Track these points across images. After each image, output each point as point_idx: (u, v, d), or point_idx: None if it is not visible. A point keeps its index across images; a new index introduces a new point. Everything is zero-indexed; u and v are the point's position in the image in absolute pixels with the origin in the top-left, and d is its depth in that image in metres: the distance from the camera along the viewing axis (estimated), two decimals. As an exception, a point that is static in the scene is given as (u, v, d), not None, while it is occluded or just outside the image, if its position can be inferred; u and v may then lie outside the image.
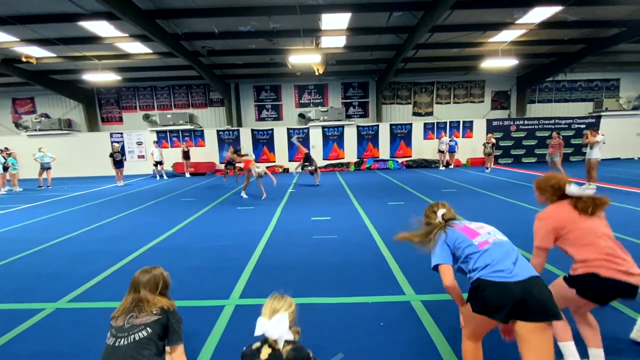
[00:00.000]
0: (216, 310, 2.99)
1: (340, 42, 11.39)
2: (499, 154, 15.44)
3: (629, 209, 6.06)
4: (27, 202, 9.13)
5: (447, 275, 1.91)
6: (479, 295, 1.74)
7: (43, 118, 15.73)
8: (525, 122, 15.69)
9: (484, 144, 13.26)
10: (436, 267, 1.95)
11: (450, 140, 14.60)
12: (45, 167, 12.17)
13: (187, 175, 14.79)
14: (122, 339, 1.69)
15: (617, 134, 15.01)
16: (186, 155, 14.60)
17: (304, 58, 11.31)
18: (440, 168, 14.57)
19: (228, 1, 8.55)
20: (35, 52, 11.32)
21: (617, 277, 1.81)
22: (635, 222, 5.27)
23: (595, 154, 8.16)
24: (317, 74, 13.21)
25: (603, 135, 8.37)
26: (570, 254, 1.99)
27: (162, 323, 1.78)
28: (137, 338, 1.70)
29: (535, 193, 2.28)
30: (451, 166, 14.83)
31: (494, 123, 15.66)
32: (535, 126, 15.64)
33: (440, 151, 14.63)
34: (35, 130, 15.45)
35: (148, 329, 1.73)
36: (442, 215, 2.05)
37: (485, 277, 1.72)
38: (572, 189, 2.03)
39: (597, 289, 1.87)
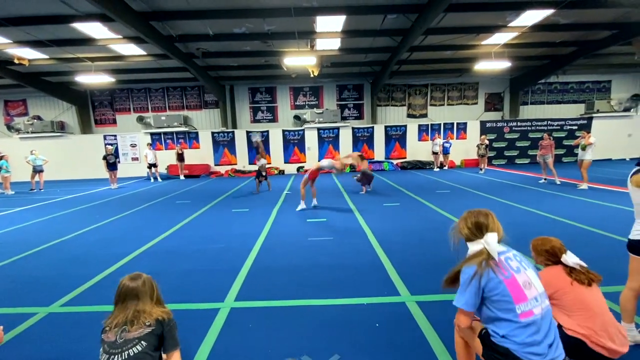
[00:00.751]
0: (211, 313, 2.97)
1: (335, 44, 11.43)
2: (492, 155, 15.58)
3: (623, 210, 6.14)
4: (20, 205, 9.02)
5: (466, 320, 1.73)
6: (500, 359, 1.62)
7: (35, 120, 15.55)
8: (519, 123, 15.85)
9: (477, 146, 13.35)
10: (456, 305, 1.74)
11: (444, 142, 14.72)
12: (37, 170, 12.02)
13: (182, 177, 14.71)
14: (116, 355, 1.64)
15: (608, 135, 15.23)
16: (180, 157, 14.52)
17: (299, 60, 11.33)
18: (435, 169, 14.66)
19: (222, 3, 8.54)
20: (27, 54, 11.19)
21: (604, 352, 1.82)
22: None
23: (588, 155, 8.31)
24: (312, 76, 13.23)
25: (594, 138, 8.50)
26: (558, 320, 1.94)
27: (157, 334, 1.73)
28: (131, 353, 1.64)
29: (532, 254, 2.23)
30: (445, 167, 14.94)
31: (488, 124, 15.81)
32: (528, 127, 15.81)
33: (434, 153, 14.72)
34: (28, 132, 15.28)
35: (142, 342, 1.68)
36: (491, 241, 1.68)
37: (516, 352, 1.56)
38: (567, 258, 2.02)
39: (584, 355, 1.87)
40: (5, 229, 6.40)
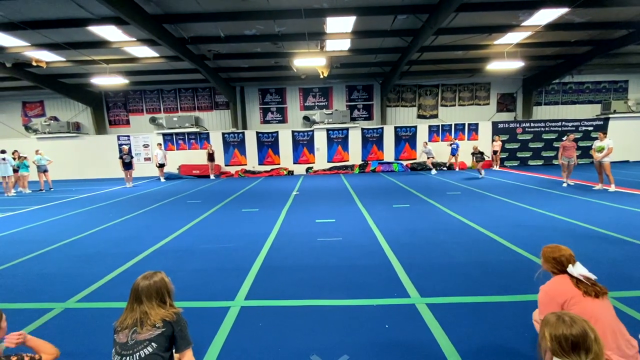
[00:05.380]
0: (221, 312, 3.01)
1: (345, 45, 11.44)
2: (504, 156, 15.36)
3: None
4: (36, 203, 9.27)
5: None
6: None
7: (52, 121, 15.98)
8: (532, 124, 15.57)
9: (472, 154, 12.61)
10: None
11: (451, 143, 14.57)
12: (42, 170, 12.12)
13: (212, 177, 14.93)
14: (127, 357, 1.66)
15: (625, 137, 14.83)
16: (211, 157, 14.80)
17: (308, 61, 11.36)
18: (433, 173, 13.62)
19: (234, 6, 8.64)
20: (45, 57, 11.51)
21: None
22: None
23: (607, 158, 8.12)
24: (321, 77, 13.26)
25: (610, 140, 8.27)
26: None
27: (167, 335, 1.74)
28: (142, 355, 1.66)
29: (541, 260, 2.21)
30: (456, 169, 14.78)
31: (500, 125, 15.57)
32: (542, 128, 15.52)
33: (428, 155, 14.01)
34: (45, 133, 15.70)
35: (153, 344, 1.69)
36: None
37: None
38: (571, 269, 1.98)
39: None
40: (22, 226, 6.59)
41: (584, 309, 1.85)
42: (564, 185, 9.36)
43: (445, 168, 14.80)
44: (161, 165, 14.17)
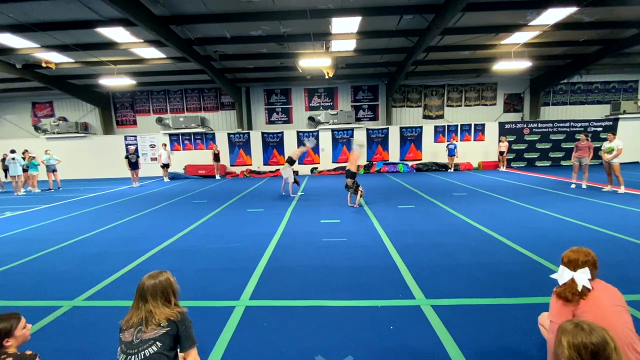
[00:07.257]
0: (226, 311, 3.02)
1: (350, 45, 11.42)
2: (511, 157, 15.22)
3: (648, 214, 5.88)
4: (45, 202, 9.40)
5: None
6: None
7: (61, 121, 16.19)
8: (539, 125, 15.39)
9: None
10: None
11: (448, 144, 14.61)
12: (50, 170, 12.26)
13: (218, 177, 15.03)
14: (133, 356, 1.67)
15: (635, 137, 14.59)
16: (217, 157, 14.94)
17: (314, 62, 11.36)
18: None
19: (239, 7, 8.68)
20: (54, 58, 11.67)
21: None
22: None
23: (617, 159, 7.99)
24: (327, 77, 13.26)
25: (619, 141, 8.13)
26: None
27: (172, 334, 1.75)
28: (147, 354, 1.67)
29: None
30: (450, 170, 14.80)
31: (507, 126, 15.41)
32: (550, 129, 15.33)
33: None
34: (54, 133, 15.91)
35: (158, 343, 1.70)
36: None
37: None
38: (571, 273, 1.87)
39: None
40: (31, 225, 6.69)
41: (596, 317, 1.81)
42: (572, 186, 9.24)
43: (451, 170, 14.79)
44: (165, 166, 14.27)
